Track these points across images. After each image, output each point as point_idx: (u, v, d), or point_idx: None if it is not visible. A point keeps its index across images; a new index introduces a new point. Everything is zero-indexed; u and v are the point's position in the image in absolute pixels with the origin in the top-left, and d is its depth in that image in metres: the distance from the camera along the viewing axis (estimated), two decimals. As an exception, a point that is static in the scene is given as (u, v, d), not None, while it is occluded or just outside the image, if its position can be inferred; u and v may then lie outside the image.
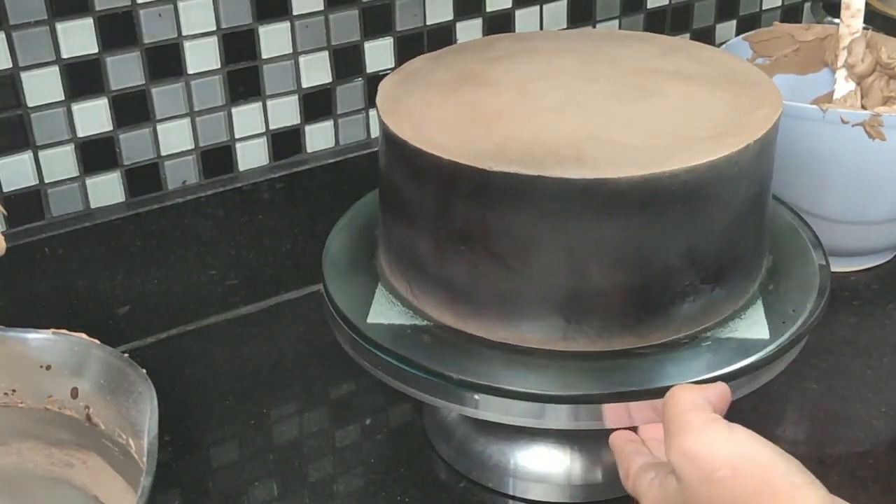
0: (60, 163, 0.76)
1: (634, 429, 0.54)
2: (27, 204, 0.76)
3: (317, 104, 0.84)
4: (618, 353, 0.55)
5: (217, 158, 0.82)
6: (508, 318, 0.55)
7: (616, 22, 0.96)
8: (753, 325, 0.57)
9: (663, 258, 0.53)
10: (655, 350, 0.55)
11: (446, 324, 0.57)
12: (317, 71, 0.83)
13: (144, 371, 0.53)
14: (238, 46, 0.79)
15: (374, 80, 0.84)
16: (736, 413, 0.60)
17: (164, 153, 0.79)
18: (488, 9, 0.89)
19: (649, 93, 0.59)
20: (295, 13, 0.80)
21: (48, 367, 0.56)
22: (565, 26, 0.93)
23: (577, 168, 0.51)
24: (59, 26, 0.72)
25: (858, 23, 0.80)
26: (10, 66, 0.71)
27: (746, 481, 0.42)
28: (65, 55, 0.73)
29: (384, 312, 0.58)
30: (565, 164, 0.51)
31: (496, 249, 0.53)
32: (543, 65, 0.62)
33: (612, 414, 0.53)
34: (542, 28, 0.92)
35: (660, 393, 0.48)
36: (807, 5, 1.06)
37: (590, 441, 0.61)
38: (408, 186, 0.55)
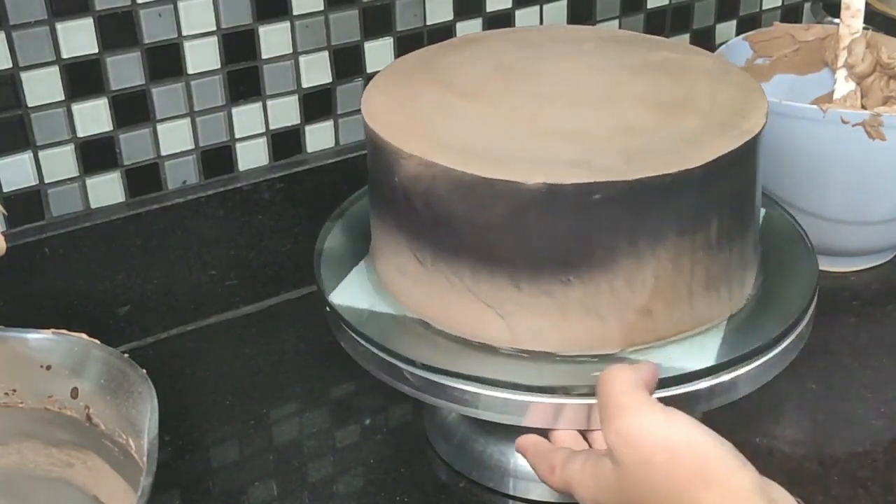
0: (60, 163, 0.76)
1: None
2: (27, 204, 0.76)
3: (317, 104, 0.84)
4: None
5: (217, 158, 0.82)
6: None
7: (616, 22, 0.96)
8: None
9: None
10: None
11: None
12: (317, 71, 0.83)
13: (144, 371, 0.53)
14: (238, 46, 0.79)
15: (374, 80, 0.84)
16: (736, 412, 0.60)
17: (164, 153, 0.79)
18: (488, 9, 0.89)
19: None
20: (295, 13, 0.80)
21: (48, 367, 0.56)
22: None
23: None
24: (59, 26, 0.72)
25: (858, 23, 0.80)
26: (10, 66, 0.71)
27: (683, 466, 0.43)
28: (65, 55, 0.73)
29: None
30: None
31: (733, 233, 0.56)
32: (558, 70, 0.63)
33: (538, 413, 0.53)
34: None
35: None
36: (807, 5, 1.06)
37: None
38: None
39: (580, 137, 0.55)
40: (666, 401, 0.47)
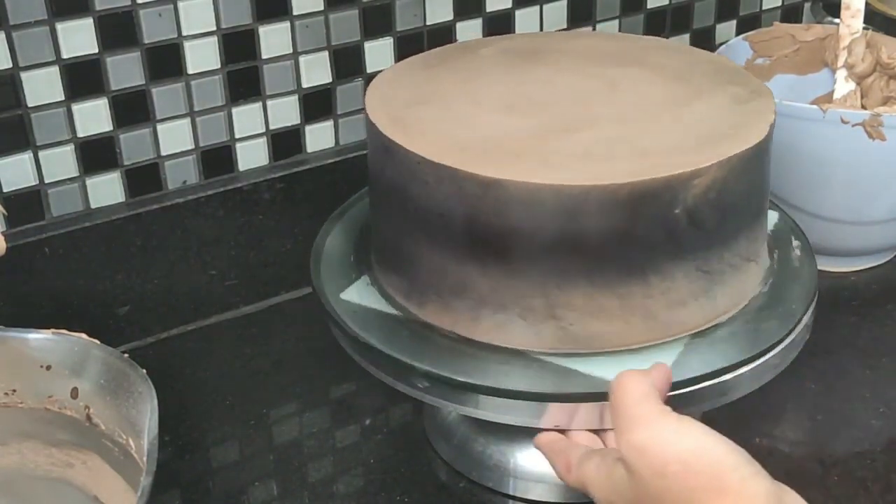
0: (60, 163, 0.76)
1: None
2: (27, 204, 0.76)
3: (317, 104, 0.84)
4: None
5: (217, 158, 0.82)
6: None
7: (616, 22, 0.96)
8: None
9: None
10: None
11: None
12: (317, 71, 0.83)
13: (144, 371, 0.53)
14: (238, 46, 0.79)
15: (374, 80, 0.84)
16: (736, 413, 0.60)
17: (164, 153, 0.79)
18: (488, 9, 0.89)
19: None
20: (295, 13, 0.80)
21: (48, 367, 0.56)
22: (565, 27, 0.93)
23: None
24: (59, 26, 0.72)
25: (858, 23, 0.80)
26: (10, 66, 0.71)
27: (697, 476, 0.42)
28: (65, 55, 0.73)
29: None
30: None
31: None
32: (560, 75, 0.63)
33: (555, 414, 0.53)
34: (541, 29, 0.92)
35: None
36: (807, 5, 1.06)
37: (590, 441, 0.61)
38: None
39: (676, 123, 0.57)
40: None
